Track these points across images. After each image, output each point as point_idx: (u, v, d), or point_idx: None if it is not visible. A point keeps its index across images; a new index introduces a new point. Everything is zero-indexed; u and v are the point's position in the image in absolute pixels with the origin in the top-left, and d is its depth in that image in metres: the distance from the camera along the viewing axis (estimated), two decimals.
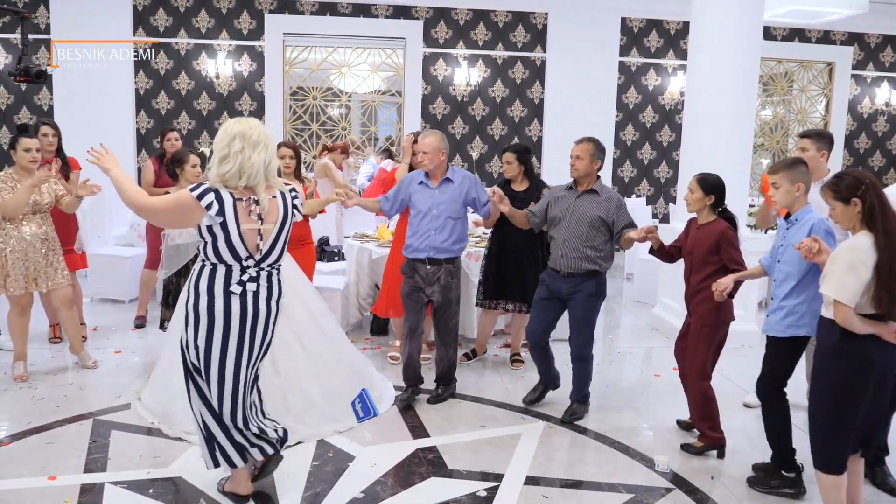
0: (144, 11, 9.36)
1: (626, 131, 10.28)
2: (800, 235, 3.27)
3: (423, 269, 4.41)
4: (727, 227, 3.78)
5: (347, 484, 3.44)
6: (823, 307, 2.90)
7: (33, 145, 4.66)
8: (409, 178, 4.57)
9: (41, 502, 3.20)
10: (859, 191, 2.81)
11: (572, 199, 4.26)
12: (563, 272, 4.22)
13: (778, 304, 3.39)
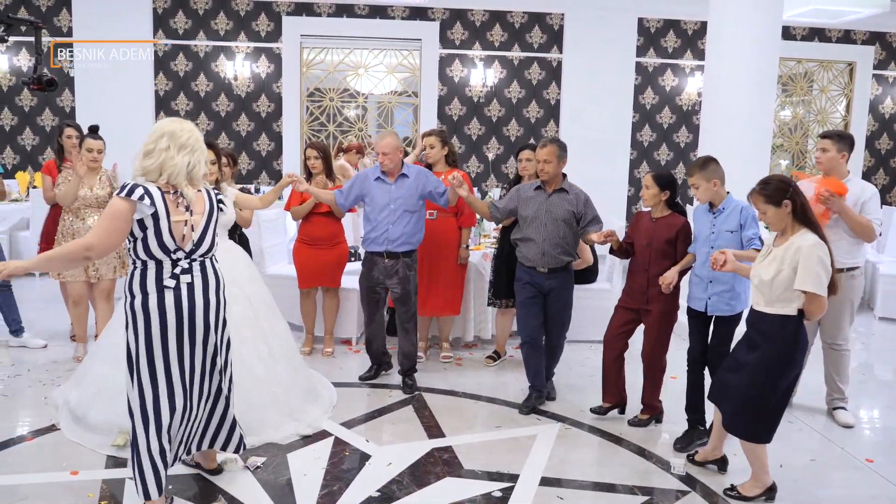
0: (164, 14, 9.46)
1: (643, 132, 10.24)
2: (730, 221, 3.78)
3: (382, 262, 4.63)
4: (686, 222, 4.08)
5: (363, 483, 3.47)
6: (767, 306, 3.20)
7: (93, 146, 4.93)
8: (364, 175, 4.74)
9: (65, 496, 3.25)
10: (788, 193, 3.14)
11: (543, 199, 4.41)
12: (543, 269, 4.40)
13: (727, 287, 3.80)
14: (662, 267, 4.01)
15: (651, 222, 4.13)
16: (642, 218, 4.21)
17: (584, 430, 4.21)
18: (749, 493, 3.41)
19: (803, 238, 3.12)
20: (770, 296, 3.18)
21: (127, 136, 5.41)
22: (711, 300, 3.87)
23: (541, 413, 4.45)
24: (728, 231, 3.79)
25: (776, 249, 3.21)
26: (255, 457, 3.67)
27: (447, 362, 5.32)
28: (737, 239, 3.77)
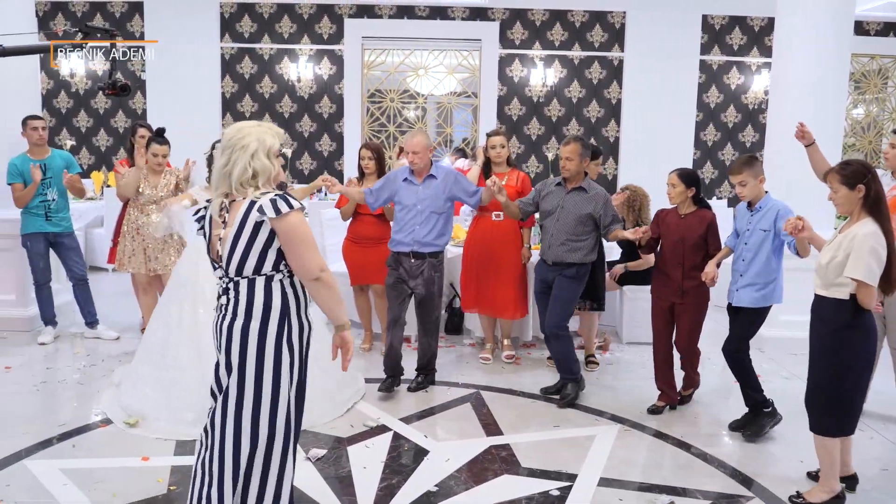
0: (231, 18, 9.73)
1: (707, 131, 10.04)
2: (765, 220, 3.89)
3: (408, 262, 4.59)
4: (714, 216, 4.28)
5: (422, 477, 3.50)
6: (823, 289, 3.21)
7: (158, 151, 5.18)
8: (394, 175, 4.73)
9: (136, 480, 3.39)
10: (865, 178, 3.11)
11: (563, 195, 4.57)
12: (549, 262, 4.56)
13: (751, 281, 3.95)
14: (696, 261, 4.20)
15: (680, 219, 4.29)
16: (669, 215, 4.37)
17: (643, 432, 4.16)
18: (815, 500, 3.31)
19: (862, 226, 3.11)
20: (826, 279, 3.22)
21: (195, 137, 5.60)
22: (738, 293, 4.02)
23: (599, 413, 4.41)
24: (762, 230, 3.92)
25: (839, 236, 3.22)
26: (316, 449, 3.75)
27: (510, 362, 5.31)
28: (769, 238, 3.91)
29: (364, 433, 4.01)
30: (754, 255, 3.95)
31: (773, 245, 3.93)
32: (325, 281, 2.55)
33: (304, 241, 2.51)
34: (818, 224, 3.89)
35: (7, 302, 5.82)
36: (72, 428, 3.96)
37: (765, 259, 3.93)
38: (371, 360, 5.29)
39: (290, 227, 2.47)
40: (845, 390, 3.20)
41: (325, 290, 2.56)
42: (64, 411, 4.29)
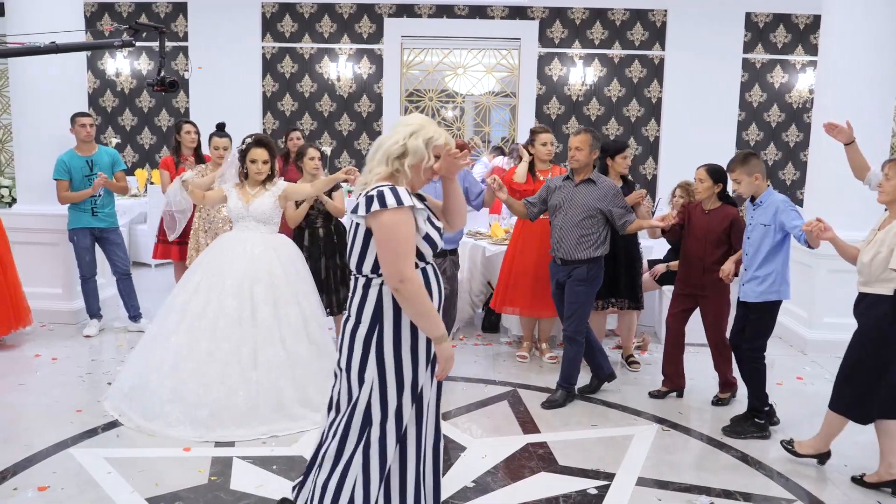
0: (272, 18, 9.85)
1: (750, 131, 9.87)
2: (766, 215, 3.94)
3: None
4: (738, 212, 4.32)
5: (459, 473, 3.51)
6: (867, 286, 3.33)
7: (220, 144, 5.29)
8: None
9: (178, 470, 3.46)
10: None
11: (570, 189, 4.45)
12: (559, 260, 4.45)
13: (752, 275, 3.98)
14: (717, 255, 4.28)
15: (704, 214, 4.37)
16: (694, 210, 4.45)
17: (682, 433, 4.11)
18: (803, 451, 3.66)
19: None
20: (869, 276, 3.32)
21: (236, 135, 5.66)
22: (743, 287, 4.07)
23: (637, 413, 4.37)
24: (762, 224, 3.97)
25: (880, 233, 3.33)
26: None
27: (553, 363, 5.26)
28: (770, 232, 3.95)
29: None
30: (756, 250, 4.01)
31: (774, 239, 3.95)
32: (404, 292, 2.33)
33: (388, 243, 2.32)
34: (864, 224, 3.82)
35: (54, 295, 5.97)
36: (115, 418, 4.04)
37: (766, 253, 3.96)
38: None
39: (379, 226, 2.32)
40: (875, 381, 3.33)
41: (404, 302, 2.36)
42: None
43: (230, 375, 3.89)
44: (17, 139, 6.06)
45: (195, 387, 3.86)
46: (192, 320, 3.99)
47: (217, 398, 3.85)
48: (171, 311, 4.11)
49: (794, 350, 5.78)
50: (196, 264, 4.29)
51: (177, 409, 3.84)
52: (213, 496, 3.23)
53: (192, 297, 4.06)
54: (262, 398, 3.91)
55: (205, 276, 4.10)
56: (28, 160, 5.97)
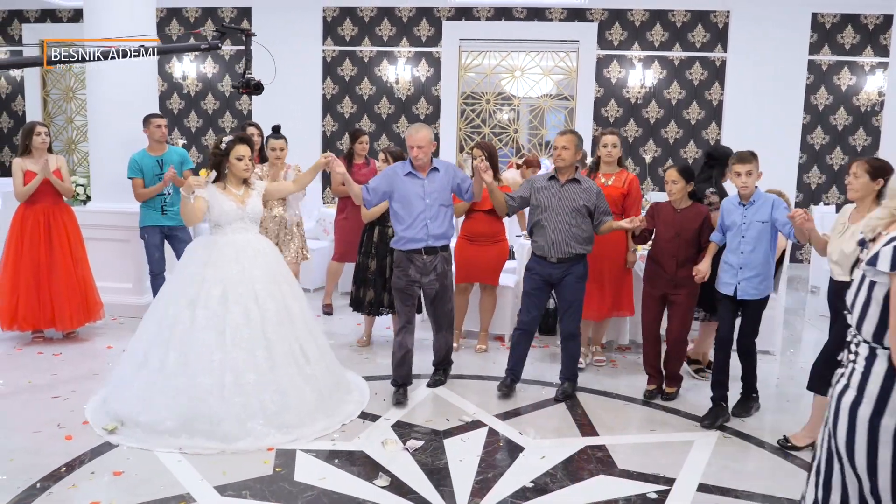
0: (333, 21, 10.02)
1: (815, 134, 9.62)
2: (762, 212, 4.14)
3: (420, 259, 4.45)
4: (708, 210, 4.53)
5: (517, 473, 3.53)
6: (846, 276, 3.51)
7: (276, 146, 5.43)
8: (392, 171, 4.54)
9: (244, 460, 3.58)
10: (887, 175, 3.53)
11: (557, 189, 4.53)
12: (553, 259, 4.48)
13: (757, 272, 4.15)
14: (689, 254, 4.43)
15: (676, 213, 4.49)
16: (664, 209, 4.55)
17: (744, 440, 4.04)
18: (801, 443, 3.89)
19: None
20: (848, 267, 3.52)
21: (297, 137, 5.83)
22: (741, 285, 4.19)
23: (697, 419, 4.32)
24: (760, 221, 4.15)
25: (853, 225, 3.59)
26: (413, 440, 3.84)
27: (601, 366, 5.25)
28: (767, 228, 4.15)
29: (459, 427, 4.07)
30: (753, 248, 4.15)
31: (771, 235, 4.18)
32: None
33: None
34: None
35: (124, 290, 6.20)
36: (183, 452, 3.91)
37: (765, 250, 4.17)
38: (463, 358, 5.36)
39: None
40: None
41: None
42: None
43: (293, 375, 3.96)
44: (93, 140, 6.33)
45: (270, 395, 3.84)
46: (234, 331, 3.86)
47: (291, 400, 3.90)
48: (199, 330, 3.86)
49: None
50: (191, 278, 3.99)
51: (258, 423, 3.77)
52: (278, 487, 3.33)
53: (226, 310, 3.89)
54: (324, 388, 4.09)
55: (230, 286, 3.93)
56: (102, 160, 6.23)
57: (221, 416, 3.71)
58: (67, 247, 5.45)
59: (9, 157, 11.07)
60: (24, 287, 5.33)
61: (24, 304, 5.34)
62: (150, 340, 3.95)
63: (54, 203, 5.40)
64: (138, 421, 3.78)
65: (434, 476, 3.47)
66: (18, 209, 5.37)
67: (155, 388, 3.81)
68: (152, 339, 3.94)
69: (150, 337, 3.96)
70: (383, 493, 3.30)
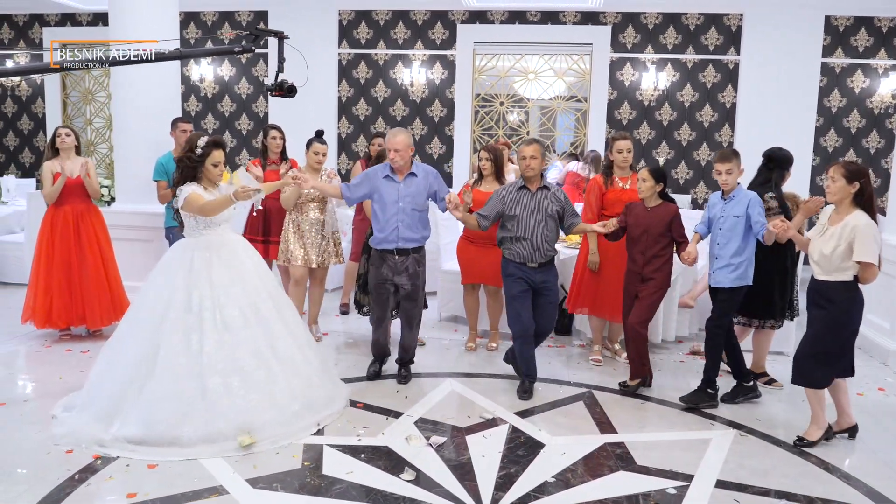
0: (348, 25, 10.13)
1: (828, 137, 9.66)
2: (738, 207, 4.39)
3: (392, 259, 4.65)
4: (677, 208, 4.71)
5: (539, 468, 3.62)
6: (826, 275, 3.81)
7: (320, 150, 5.49)
8: (374, 172, 4.72)
9: (273, 455, 3.68)
10: (862, 178, 3.75)
11: (530, 198, 4.71)
12: (534, 264, 4.66)
13: (727, 262, 4.40)
14: (657, 250, 4.64)
15: (646, 211, 4.69)
16: (636, 208, 4.75)
17: (760, 439, 4.12)
18: (815, 437, 4.00)
19: (858, 218, 3.73)
20: (829, 267, 3.79)
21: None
22: (715, 274, 4.48)
23: (713, 418, 4.40)
24: (735, 216, 4.39)
25: (833, 227, 3.82)
26: (436, 436, 3.93)
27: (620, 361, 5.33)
28: (741, 223, 4.38)
29: (481, 424, 4.16)
30: (728, 240, 4.41)
31: (745, 228, 4.37)
32: None
33: None
34: None
35: None
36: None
37: (739, 241, 4.38)
38: (481, 357, 5.45)
39: None
40: (835, 354, 3.88)
41: None
42: None
43: (298, 364, 4.11)
44: (117, 142, 6.45)
45: (281, 387, 3.94)
46: (239, 332, 3.91)
47: (300, 388, 4.05)
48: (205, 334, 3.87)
49: (876, 361, 5.68)
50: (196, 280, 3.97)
51: (273, 411, 3.83)
52: (307, 480, 3.43)
53: (223, 311, 3.92)
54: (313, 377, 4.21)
55: (218, 289, 3.94)
56: (126, 161, 6.35)
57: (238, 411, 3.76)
58: (97, 247, 5.57)
59: (29, 158, 11.24)
60: (57, 286, 5.45)
61: (58, 303, 5.47)
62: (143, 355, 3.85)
63: (83, 204, 5.52)
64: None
65: (458, 471, 3.56)
66: (48, 211, 5.50)
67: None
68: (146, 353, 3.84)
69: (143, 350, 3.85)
70: (410, 486, 3.40)
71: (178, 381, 3.74)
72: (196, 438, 3.64)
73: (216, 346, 3.83)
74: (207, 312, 3.89)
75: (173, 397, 3.70)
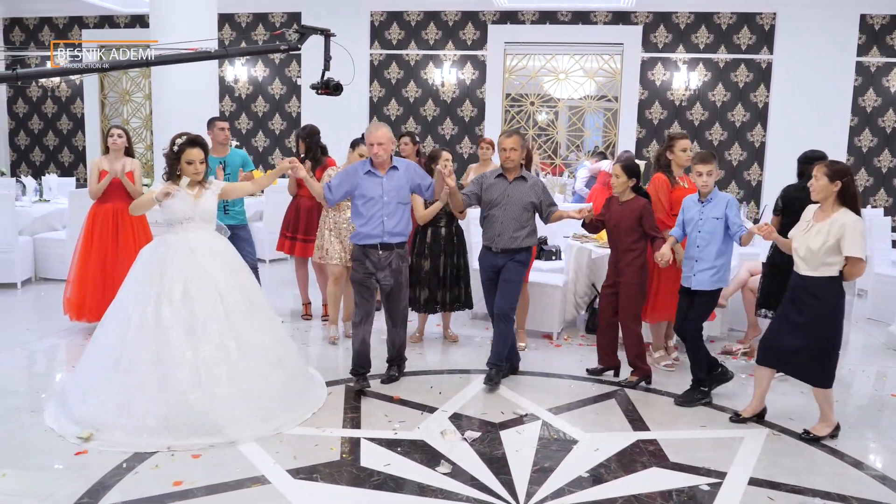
0: (380, 26, 10.25)
1: (862, 137, 9.57)
2: (717, 209, 4.46)
3: (375, 254, 4.63)
4: (647, 202, 4.79)
5: (572, 463, 3.67)
6: (812, 270, 3.91)
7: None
8: (353, 169, 4.71)
9: (313, 446, 3.78)
10: (845, 177, 3.87)
11: (506, 185, 4.83)
12: (497, 249, 4.80)
13: (710, 265, 4.48)
14: (628, 243, 4.74)
15: (620, 205, 4.80)
16: (613, 202, 4.86)
17: (793, 438, 4.12)
18: (822, 433, 4.06)
19: (846, 216, 3.86)
20: (815, 262, 3.90)
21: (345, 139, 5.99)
22: (696, 276, 4.52)
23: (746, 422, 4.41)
24: (714, 217, 4.47)
25: (818, 224, 3.93)
26: (471, 431, 4.00)
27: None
28: (721, 225, 4.46)
29: (514, 420, 4.22)
30: (708, 242, 4.47)
31: (724, 231, 4.46)
32: None
33: None
34: None
35: None
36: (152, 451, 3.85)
37: (719, 244, 4.47)
38: None
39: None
40: (836, 348, 3.99)
41: None
42: None
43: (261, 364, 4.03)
44: (158, 142, 6.60)
45: (246, 383, 3.92)
46: (202, 326, 3.91)
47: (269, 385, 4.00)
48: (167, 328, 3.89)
49: None
50: (150, 277, 4.02)
51: (240, 411, 3.84)
52: (345, 471, 3.52)
53: (192, 305, 3.93)
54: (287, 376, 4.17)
55: (190, 282, 3.97)
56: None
57: (206, 409, 3.75)
58: (133, 245, 5.69)
59: (68, 157, 11.52)
60: (92, 280, 5.61)
61: (91, 297, 5.63)
62: (116, 342, 3.93)
63: (124, 203, 5.66)
64: (118, 423, 3.76)
65: (493, 465, 3.63)
66: (92, 207, 5.67)
67: (132, 388, 3.80)
68: (119, 341, 3.92)
69: (115, 339, 3.94)
70: (446, 479, 3.47)
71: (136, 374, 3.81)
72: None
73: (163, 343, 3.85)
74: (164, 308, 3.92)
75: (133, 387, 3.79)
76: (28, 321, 6.31)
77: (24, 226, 7.62)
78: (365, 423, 4.10)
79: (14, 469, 3.48)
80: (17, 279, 7.27)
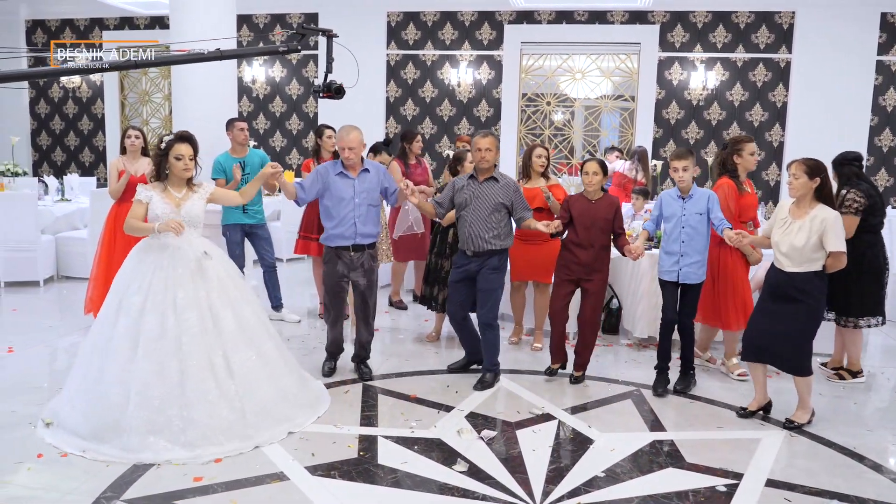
0: (397, 26, 10.28)
1: (883, 136, 9.48)
2: (699, 205, 4.58)
3: (347, 255, 4.68)
4: (617, 199, 4.86)
5: (588, 463, 3.68)
6: (797, 266, 4.04)
7: (386, 160, 5.76)
8: (325, 169, 4.73)
9: (331, 444, 3.82)
10: (822, 174, 4.03)
11: (476, 187, 4.81)
12: (469, 252, 4.78)
13: (697, 258, 4.60)
14: (604, 242, 4.76)
15: (590, 204, 4.78)
16: (578, 201, 4.83)
17: (810, 440, 4.11)
18: (803, 420, 4.23)
19: (825, 211, 3.99)
20: (800, 259, 4.03)
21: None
22: (683, 271, 4.63)
23: (764, 418, 4.39)
24: (697, 213, 4.58)
25: (799, 221, 4.05)
26: (487, 430, 4.02)
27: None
28: (704, 220, 4.58)
29: (530, 419, 4.24)
30: (692, 237, 4.59)
31: (706, 225, 4.60)
32: None
33: None
34: None
35: None
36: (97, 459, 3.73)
37: (704, 238, 4.61)
38: (526, 354, 5.52)
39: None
40: (814, 336, 4.17)
41: None
42: None
43: (208, 390, 3.74)
44: None
45: (177, 410, 3.66)
46: (147, 342, 3.72)
47: (200, 416, 3.68)
48: (117, 339, 3.77)
49: None
50: (127, 283, 3.90)
51: (162, 439, 3.62)
52: (363, 469, 3.55)
53: (142, 319, 3.76)
54: (248, 406, 3.82)
55: (150, 294, 3.80)
56: None
57: (125, 428, 3.62)
58: None
59: (89, 157, 11.65)
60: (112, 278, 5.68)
61: None
62: (90, 346, 3.92)
63: None
64: (63, 422, 3.82)
65: (509, 464, 3.65)
66: (113, 206, 5.75)
67: (79, 393, 3.82)
68: (92, 345, 3.90)
69: (91, 342, 3.92)
70: (463, 477, 3.49)
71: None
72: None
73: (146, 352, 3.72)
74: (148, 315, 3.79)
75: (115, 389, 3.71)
76: (50, 318, 6.40)
77: (47, 225, 7.73)
78: (382, 422, 4.13)
79: (37, 463, 3.54)
80: (39, 277, 7.38)
